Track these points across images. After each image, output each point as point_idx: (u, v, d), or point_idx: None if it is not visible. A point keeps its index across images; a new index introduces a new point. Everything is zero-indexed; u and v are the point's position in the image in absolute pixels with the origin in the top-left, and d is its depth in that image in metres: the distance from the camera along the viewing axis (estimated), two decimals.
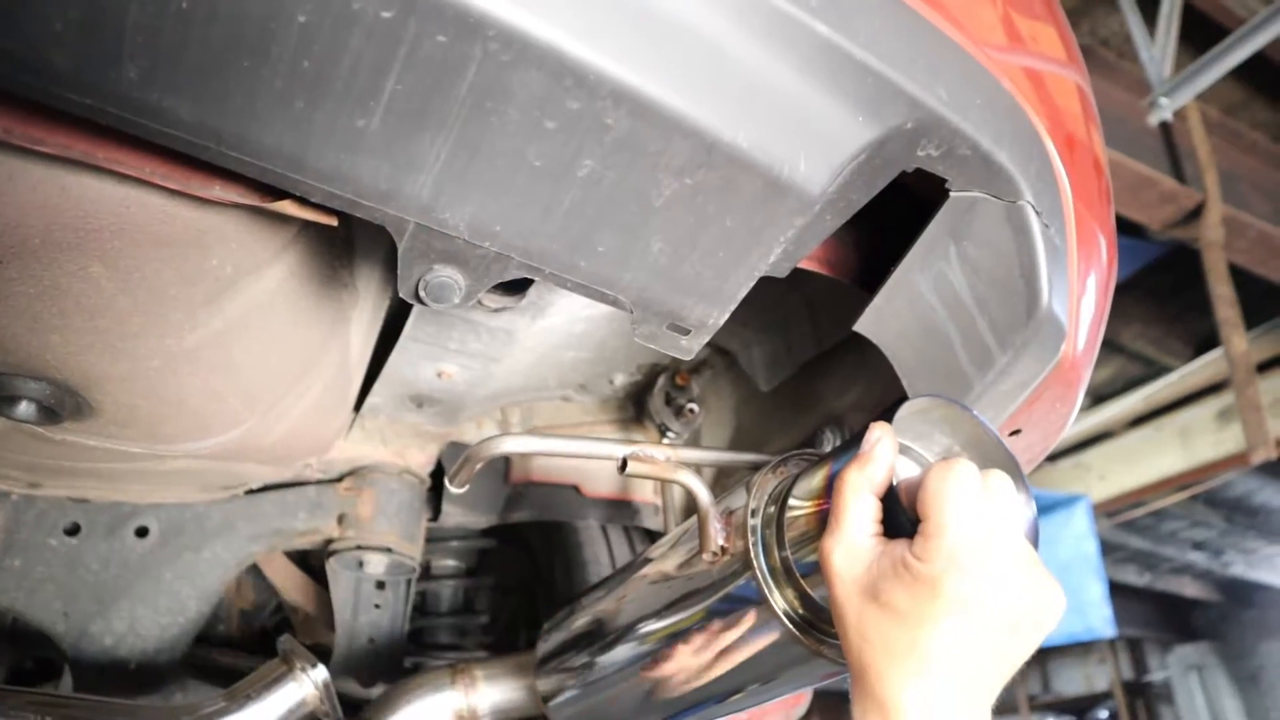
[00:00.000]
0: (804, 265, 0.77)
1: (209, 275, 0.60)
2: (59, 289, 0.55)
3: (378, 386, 1.12)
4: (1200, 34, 3.46)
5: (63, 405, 0.65)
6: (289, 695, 0.98)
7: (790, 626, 0.67)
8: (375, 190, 0.51)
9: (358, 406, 1.11)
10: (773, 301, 1.10)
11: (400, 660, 1.33)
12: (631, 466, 0.73)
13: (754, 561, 0.69)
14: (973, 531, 0.57)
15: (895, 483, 0.61)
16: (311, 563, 1.55)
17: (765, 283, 0.70)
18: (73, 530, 1.18)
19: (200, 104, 0.46)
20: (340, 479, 1.28)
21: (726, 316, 0.64)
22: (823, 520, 0.64)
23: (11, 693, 0.89)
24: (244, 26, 0.44)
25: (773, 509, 0.70)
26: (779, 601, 0.68)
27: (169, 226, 0.55)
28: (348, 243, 0.77)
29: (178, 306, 0.61)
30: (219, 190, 0.52)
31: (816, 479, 0.67)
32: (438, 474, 1.36)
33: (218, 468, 1.01)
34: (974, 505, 0.58)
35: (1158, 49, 3.12)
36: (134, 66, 0.45)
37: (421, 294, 0.57)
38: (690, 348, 0.66)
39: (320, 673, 0.97)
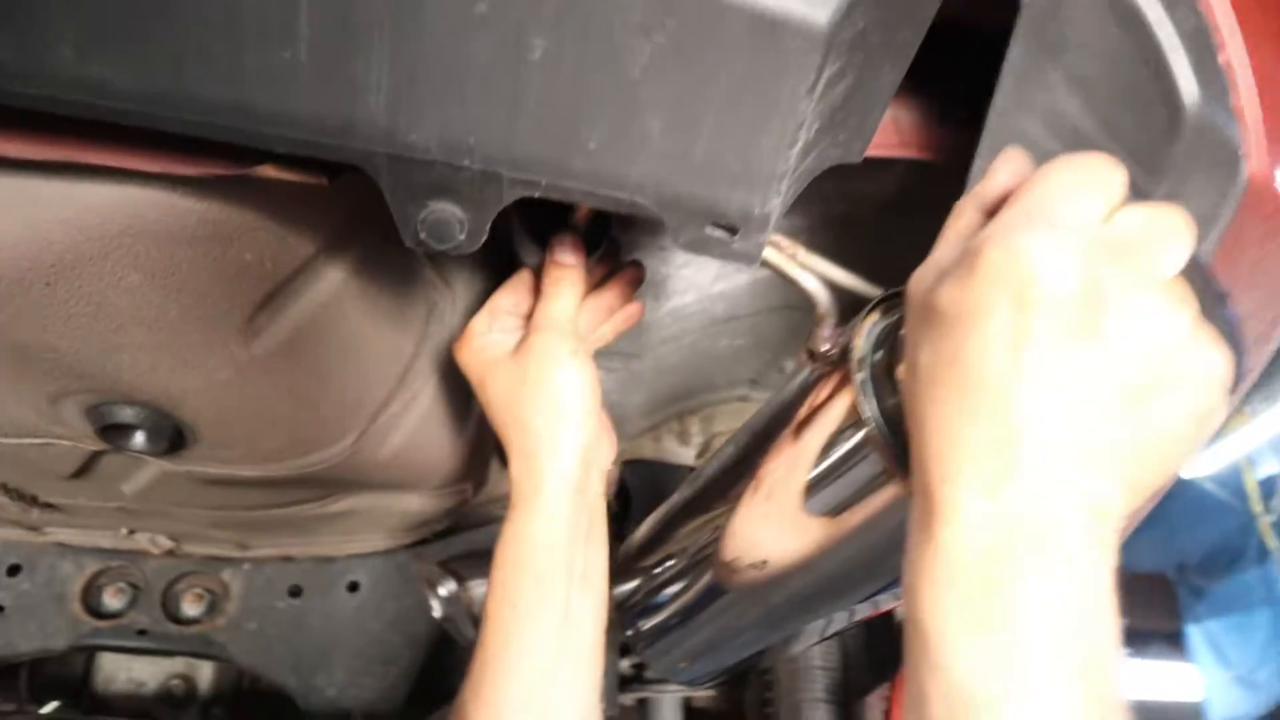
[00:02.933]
0: (889, 153, 0.66)
1: (248, 273, 0.61)
2: (108, 304, 0.58)
3: None
4: None
5: (162, 430, 0.68)
6: None
7: (877, 432, 0.58)
8: (331, 125, 0.49)
9: None
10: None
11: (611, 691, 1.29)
12: (768, 254, 0.66)
13: (853, 360, 0.60)
14: (1055, 209, 0.42)
15: None
16: None
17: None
18: (295, 592, 1.27)
19: (133, 69, 0.46)
20: None
21: (777, 205, 0.55)
22: None
23: None
24: None
25: (891, 323, 0.61)
26: (869, 409, 0.58)
27: (182, 221, 0.56)
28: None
29: (228, 311, 0.62)
30: (191, 166, 0.52)
31: None
32: (623, 494, 1.32)
33: (377, 505, 1.03)
34: (1082, 185, 0.43)
35: None
36: (66, 45, 0.45)
37: (424, 238, 0.54)
38: (748, 251, 0.57)
39: None
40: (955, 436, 0.43)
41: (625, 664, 1.39)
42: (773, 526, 0.70)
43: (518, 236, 0.74)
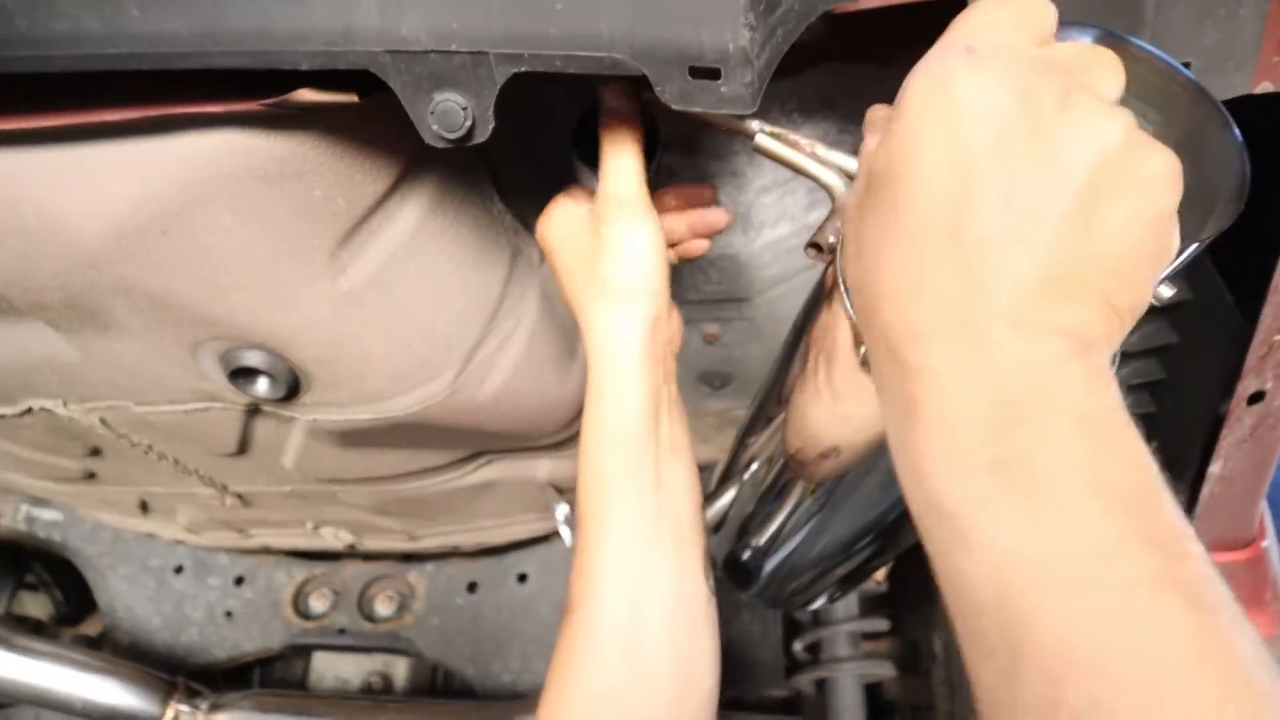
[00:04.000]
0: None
1: (323, 211, 0.69)
2: (212, 247, 0.68)
3: None
4: None
5: (280, 373, 0.77)
6: None
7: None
8: (338, 32, 0.56)
9: None
10: None
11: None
12: (762, 140, 0.64)
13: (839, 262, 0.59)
14: (975, 39, 0.42)
15: None
16: None
17: None
18: (472, 587, 1.36)
19: (184, 14, 0.56)
20: None
21: (750, 40, 0.56)
22: None
23: None
24: None
25: None
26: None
27: (254, 160, 0.65)
28: (496, 179, 0.83)
29: (312, 247, 0.71)
30: (246, 103, 0.61)
31: None
32: None
33: (515, 474, 1.09)
34: (1005, 17, 0.42)
35: None
36: (133, 4, 0.56)
37: (436, 129, 0.60)
38: (738, 95, 0.58)
39: None
40: (916, 296, 0.42)
41: (799, 645, 1.35)
42: (827, 408, 0.69)
43: (579, 169, 0.79)
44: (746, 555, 0.87)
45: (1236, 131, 0.46)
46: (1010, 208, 0.39)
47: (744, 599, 0.92)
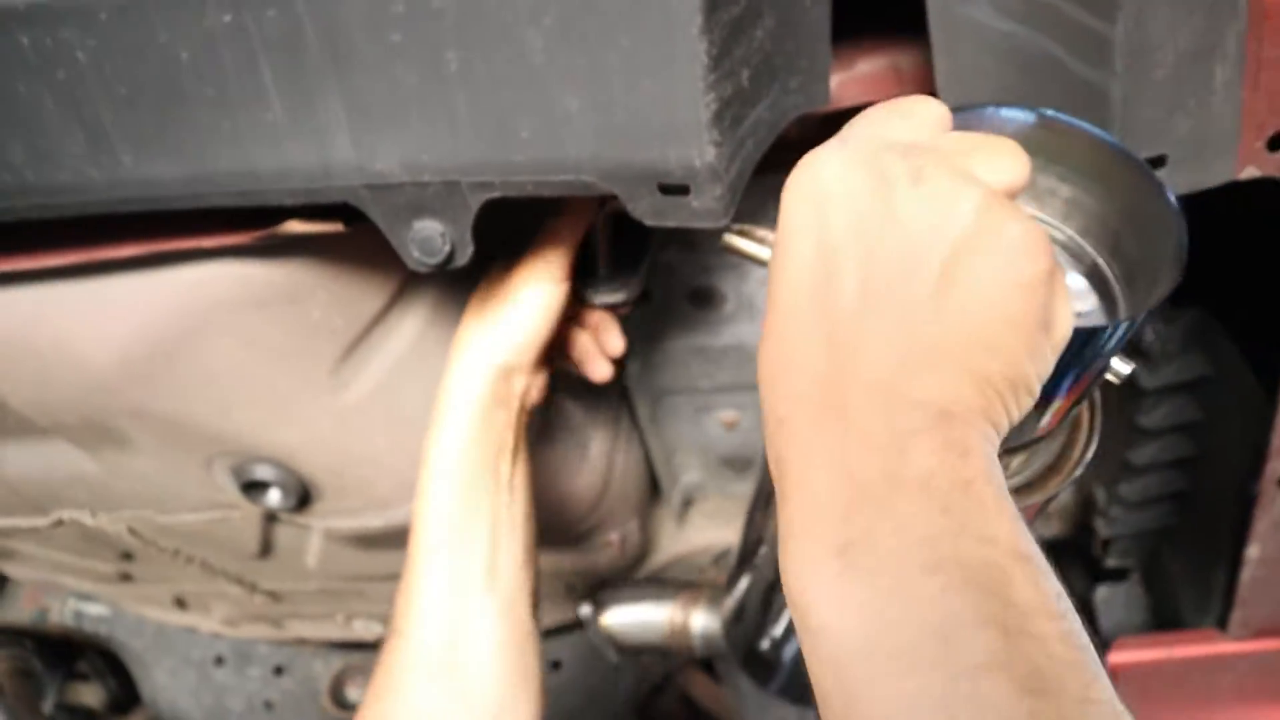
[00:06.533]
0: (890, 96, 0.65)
1: (321, 330, 0.71)
2: (213, 369, 0.70)
3: (682, 459, 1.14)
4: None
5: (290, 485, 0.79)
6: None
7: None
8: (316, 170, 0.58)
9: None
10: None
11: None
12: (729, 238, 0.64)
13: None
14: (850, 132, 0.44)
15: None
16: None
17: None
18: (555, 664, 1.36)
19: (172, 160, 0.58)
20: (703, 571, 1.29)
21: (716, 155, 0.56)
22: None
23: None
24: (160, 83, 0.56)
25: None
26: None
27: (250, 288, 0.67)
28: None
29: (313, 365, 0.72)
30: (238, 236, 0.63)
31: None
32: None
33: (554, 566, 1.09)
34: (887, 114, 0.44)
35: None
36: (126, 153, 0.59)
37: (418, 255, 0.61)
38: (709, 209, 0.58)
39: None
40: (784, 381, 0.41)
41: None
42: None
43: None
44: (765, 646, 0.85)
45: (1171, 197, 0.45)
46: (869, 285, 0.39)
47: (769, 694, 0.89)
